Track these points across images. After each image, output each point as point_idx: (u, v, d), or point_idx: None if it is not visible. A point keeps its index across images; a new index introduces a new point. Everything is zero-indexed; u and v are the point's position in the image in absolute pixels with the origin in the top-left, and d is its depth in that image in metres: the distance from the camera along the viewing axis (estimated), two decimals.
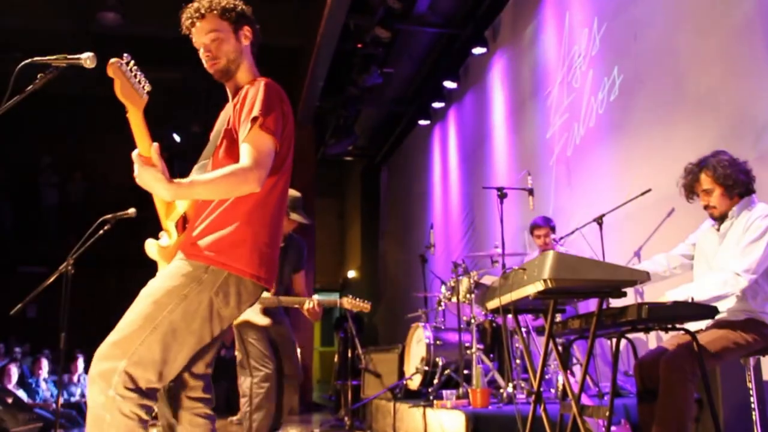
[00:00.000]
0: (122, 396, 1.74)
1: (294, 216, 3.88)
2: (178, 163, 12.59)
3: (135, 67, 1.78)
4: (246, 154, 1.88)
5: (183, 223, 2.05)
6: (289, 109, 2.05)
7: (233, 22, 2.09)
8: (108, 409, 1.74)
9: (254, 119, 1.90)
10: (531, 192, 4.70)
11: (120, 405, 1.74)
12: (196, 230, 1.95)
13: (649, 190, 4.24)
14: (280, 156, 1.98)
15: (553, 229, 4.97)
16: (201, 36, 2.07)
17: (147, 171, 1.76)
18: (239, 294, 1.91)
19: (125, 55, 1.83)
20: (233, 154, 1.95)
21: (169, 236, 2.00)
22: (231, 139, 2.00)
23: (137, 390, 1.76)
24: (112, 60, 1.76)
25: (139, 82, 1.79)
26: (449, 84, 8.15)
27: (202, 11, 2.05)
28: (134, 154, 1.79)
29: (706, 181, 2.92)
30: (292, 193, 3.96)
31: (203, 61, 2.09)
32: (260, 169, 1.87)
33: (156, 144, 1.80)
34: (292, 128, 2.06)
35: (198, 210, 2.00)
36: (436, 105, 8.84)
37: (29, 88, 2.07)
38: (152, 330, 1.80)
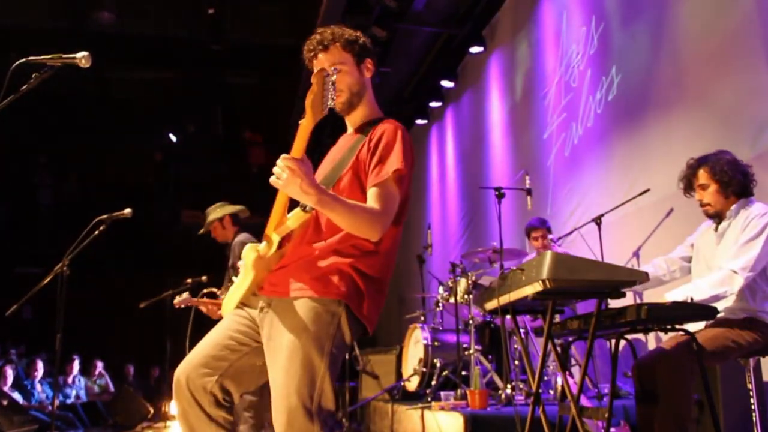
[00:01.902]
0: None
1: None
2: (174, 164, 12.60)
3: (334, 84, 1.78)
4: (377, 200, 1.89)
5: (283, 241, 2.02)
6: None
7: (356, 55, 2.07)
8: None
9: (396, 171, 1.91)
10: (529, 192, 4.69)
11: None
12: (320, 264, 1.93)
13: (647, 191, 4.24)
14: (404, 209, 2.00)
15: (549, 230, 4.96)
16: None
17: (301, 171, 1.74)
18: (352, 329, 1.93)
19: (333, 68, 1.85)
20: (356, 189, 1.96)
21: (268, 246, 1.97)
22: (356, 173, 1.98)
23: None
24: (320, 69, 1.78)
25: (329, 98, 1.77)
26: (447, 83, 8.13)
27: (326, 43, 2.02)
28: (284, 157, 1.77)
29: (703, 176, 2.95)
30: (238, 207, 4.70)
31: None
32: (388, 219, 1.91)
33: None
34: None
35: (304, 241, 1.97)
36: (434, 104, 8.82)
37: (24, 87, 2.06)
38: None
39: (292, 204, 1.97)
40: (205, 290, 4.81)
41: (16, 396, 7.31)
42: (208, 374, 1.89)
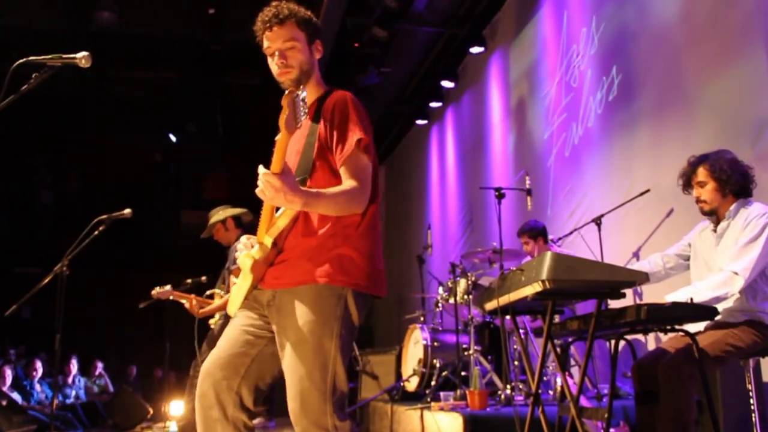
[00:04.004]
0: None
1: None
2: (174, 164, 12.59)
3: (304, 101, 1.78)
4: (351, 176, 1.92)
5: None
6: None
7: (309, 34, 2.08)
8: None
9: (359, 141, 1.93)
10: (529, 192, 4.69)
11: None
12: (320, 251, 1.95)
13: (647, 191, 4.24)
14: (376, 179, 2.02)
15: (533, 235, 4.89)
16: (276, 42, 2.04)
17: (283, 185, 1.73)
18: (359, 308, 1.96)
19: (303, 87, 1.84)
20: (329, 173, 1.98)
21: (262, 250, 1.97)
22: (324, 156, 2.00)
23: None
24: (290, 91, 1.78)
25: (300, 114, 1.78)
26: (447, 84, 8.12)
27: (281, 17, 2.03)
28: (263, 170, 1.76)
29: (702, 173, 2.95)
30: (241, 210, 4.78)
31: (273, 68, 2.06)
32: (367, 189, 1.93)
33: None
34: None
35: (298, 233, 1.98)
36: (434, 105, 8.81)
37: (24, 87, 2.06)
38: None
39: None
40: (208, 291, 4.86)
41: (16, 396, 7.32)
42: (234, 373, 1.92)
